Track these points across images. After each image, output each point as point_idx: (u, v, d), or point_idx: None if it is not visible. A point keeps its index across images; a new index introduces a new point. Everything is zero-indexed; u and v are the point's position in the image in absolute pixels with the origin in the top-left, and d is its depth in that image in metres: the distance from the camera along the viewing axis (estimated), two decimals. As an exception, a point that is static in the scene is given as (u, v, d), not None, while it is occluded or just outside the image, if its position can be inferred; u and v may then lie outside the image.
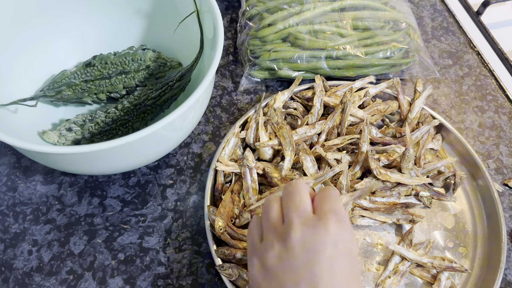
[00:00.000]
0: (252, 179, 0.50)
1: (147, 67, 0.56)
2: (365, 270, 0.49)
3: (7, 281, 0.47)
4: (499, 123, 0.62)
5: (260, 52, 0.62)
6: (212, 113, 0.61)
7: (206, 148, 0.57)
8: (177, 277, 0.48)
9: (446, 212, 0.54)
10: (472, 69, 0.68)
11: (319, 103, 0.56)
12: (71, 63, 0.60)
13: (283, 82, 0.64)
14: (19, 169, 0.55)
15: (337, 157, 0.52)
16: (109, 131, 0.53)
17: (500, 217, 0.51)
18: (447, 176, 0.54)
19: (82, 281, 0.47)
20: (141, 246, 0.50)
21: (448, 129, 0.57)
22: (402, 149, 0.52)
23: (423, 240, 0.51)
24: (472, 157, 0.55)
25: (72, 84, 0.55)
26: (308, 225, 0.33)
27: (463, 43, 0.71)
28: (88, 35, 0.60)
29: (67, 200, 0.53)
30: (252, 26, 0.64)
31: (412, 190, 0.52)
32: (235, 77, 0.65)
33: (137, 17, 0.60)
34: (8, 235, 0.50)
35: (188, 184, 0.54)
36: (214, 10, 0.49)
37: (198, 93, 0.42)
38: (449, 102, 0.64)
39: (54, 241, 0.50)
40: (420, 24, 0.73)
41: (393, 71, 0.63)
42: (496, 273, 0.47)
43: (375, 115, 0.58)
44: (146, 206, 0.52)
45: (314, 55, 0.61)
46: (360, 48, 0.61)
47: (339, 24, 0.62)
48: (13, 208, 0.52)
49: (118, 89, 0.56)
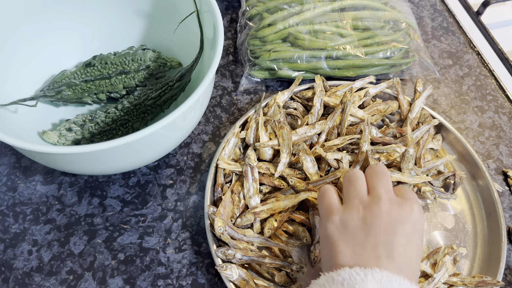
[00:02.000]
0: (253, 178, 0.50)
1: (147, 67, 0.56)
2: (365, 270, 0.49)
3: (7, 281, 0.47)
4: (499, 123, 0.62)
5: (260, 52, 0.62)
6: (212, 113, 0.61)
7: (206, 148, 0.57)
8: (177, 277, 0.48)
9: (446, 212, 0.54)
10: (472, 69, 0.68)
11: (319, 103, 0.56)
12: (71, 63, 0.60)
13: (283, 82, 0.64)
14: (19, 169, 0.55)
15: (337, 157, 0.52)
16: (109, 131, 0.53)
17: (500, 217, 0.51)
18: (447, 176, 0.54)
19: (82, 281, 0.47)
20: (141, 246, 0.50)
21: (448, 129, 0.57)
22: (403, 149, 0.52)
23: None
24: (472, 157, 0.55)
25: (72, 84, 0.55)
26: (395, 203, 0.39)
27: (463, 43, 0.71)
28: (88, 35, 0.60)
29: (67, 200, 0.53)
30: (252, 26, 0.64)
31: (414, 187, 0.52)
32: (235, 77, 0.65)
33: (137, 17, 0.60)
34: (8, 235, 0.50)
35: (188, 184, 0.54)
36: (214, 10, 0.49)
37: (198, 93, 0.42)
38: (449, 102, 0.64)
39: (54, 241, 0.50)
40: (420, 24, 0.73)
41: (393, 71, 0.63)
42: (496, 273, 0.47)
43: (375, 115, 0.58)
44: (146, 206, 0.52)
45: (314, 55, 0.61)
46: (360, 48, 0.61)
47: (339, 24, 0.62)
48: (13, 208, 0.52)
49: (118, 89, 0.56)
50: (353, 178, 0.42)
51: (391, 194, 0.40)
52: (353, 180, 0.41)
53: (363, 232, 0.37)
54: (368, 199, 0.39)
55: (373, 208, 0.38)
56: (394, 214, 0.38)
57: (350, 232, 0.38)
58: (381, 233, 0.37)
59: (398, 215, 0.38)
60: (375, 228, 0.37)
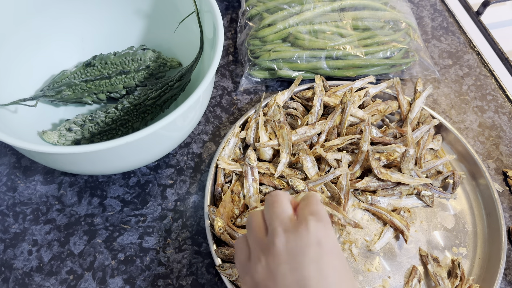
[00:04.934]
0: (253, 178, 0.50)
1: (147, 67, 0.56)
2: (365, 270, 0.49)
3: (7, 281, 0.47)
4: (499, 123, 0.62)
5: (260, 52, 0.62)
6: (212, 113, 0.61)
7: (206, 148, 0.57)
8: (177, 277, 0.48)
9: (446, 212, 0.54)
10: (472, 69, 0.68)
11: (319, 103, 0.56)
12: (71, 63, 0.60)
13: (283, 82, 0.64)
14: (19, 169, 0.55)
15: (337, 157, 0.52)
16: (109, 131, 0.53)
17: (500, 217, 0.51)
18: (446, 175, 0.54)
19: (82, 281, 0.47)
20: (141, 246, 0.50)
21: (448, 129, 0.57)
22: (403, 149, 0.52)
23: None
24: (472, 157, 0.55)
25: (72, 84, 0.55)
26: (291, 230, 0.33)
27: (463, 43, 0.71)
28: (88, 35, 0.60)
29: (67, 200, 0.53)
30: (252, 26, 0.64)
31: (414, 189, 0.52)
32: (235, 77, 0.65)
33: (137, 17, 0.60)
34: (8, 235, 0.50)
35: (188, 184, 0.54)
36: (214, 10, 0.49)
37: (198, 93, 0.42)
38: (449, 102, 0.64)
39: (54, 241, 0.50)
40: (420, 24, 0.73)
41: (393, 71, 0.63)
42: (496, 273, 0.47)
43: (375, 115, 0.58)
44: (146, 206, 0.52)
45: (314, 55, 0.61)
46: (360, 48, 0.61)
47: (339, 24, 0.62)
48: (13, 208, 0.52)
49: (118, 89, 0.56)
50: (250, 221, 0.37)
51: (286, 221, 0.34)
52: (250, 222, 0.37)
53: (272, 281, 0.32)
54: (266, 241, 0.34)
55: (271, 250, 0.33)
56: (292, 246, 0.33)
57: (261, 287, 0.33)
58: (287, 275, 0.32)
59: (296, 245, 0.33)
60: (280, 271, 0.32)
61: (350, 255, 0.50)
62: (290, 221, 0.34)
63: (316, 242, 0.32)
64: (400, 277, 0.49)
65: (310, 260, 0.32)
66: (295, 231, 0.33)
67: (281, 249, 0.33)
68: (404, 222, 0.50)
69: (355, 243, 0.50)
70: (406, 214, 0.52)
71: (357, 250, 0.50)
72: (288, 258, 0.32)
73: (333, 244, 0.33)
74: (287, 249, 0.33)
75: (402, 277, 0.49)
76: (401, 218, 0.50)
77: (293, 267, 0.32)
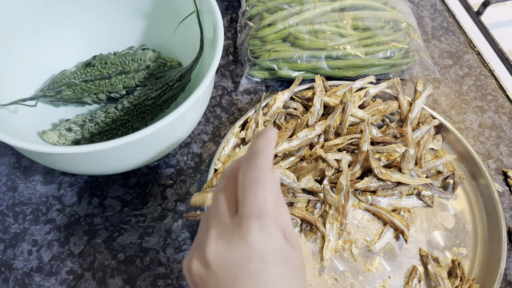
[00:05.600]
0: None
1: (147, 67, 0.56)
2: (365, 270, 0.49)
3: (7, 281, 0.47)
4: (499, 123, 0.62)
5: (260, 52, 0.62)
6: (212, 113, 0.61)
7: (206, 148, 0.57)
8: (177, 277, 0.48)
9: (446, 212, 0.54)
10: (472, 69, 0.68)
11: (319, 103, 0.56)
12: (71, 63, 0.60)
13: (283, 82, 0.64)
14: (19, 169, 0.55)
15: (337, 157, 0.52)
16: (109, 131, 0.53)
17: (500, 217, 0.51)
18: (446, 175, 0.54)
19: (82, 281, 0.47)
20: (141, 246, 0.50)
21: (448, 129, 0.57)
22: (403, 149, 0.52)
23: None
24: (472, 157, 0.55)
25: (72, 84, 0.55)
26: (224, 236, 0.27)
27: (463, 43, 0.71)
28: (88, 35, 0.60)
29: (67, 200, 0.53)
30: (252, 26, 0.64)
31: (414, 189, 0.52)
32: (235, 77, 0.65)
33: (137, 17, 0.60)
34: (8, 235, 0.50)
35: (188, 184, 0.54)
36: (214, 10, 0.49)
37: (198, 93, 0.42)
38: (449, 102, 0.64)
39: (54, 241, 0.50)
40: (420, 24, 0.73)
41: (393, 71, 0.63)
42: (496, 273, 0.47)
43: (375, 115, 0.58)
44: (146, 206, 0.52)
45: (314, 55, 0.61)
46: (360, 48, 0.61)
47: (339, 24, 0.62)
48: (13, 208, 0.52)
49: (118, 89, 0.56)
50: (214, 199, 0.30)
51: (224, 220, 0.28)
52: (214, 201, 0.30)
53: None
54: (203, 238, 0.29)
55: (201, 258, 0.28)
56: (224, 258, 0.27)
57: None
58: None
59: (228, 257, 0.26)
60: (211, 284, 0.27)
61: (350, 255, 0.50)
62: (225, 220, 0.28)
63: (257, 256, 0.26)
64: (400, 277, 0.49)
65: (250, 274, 0.26)
66: (230, 240, 0.27)
67: (212, 259, 0.27)
68: (404, 222, 0.50)
69: (355, 243, 0.50)
70: (406, 214, 0.52)
71: (357, 250, 0.50)
72: (220, 271, 0.27)
73: (283, 255, 0.27)
74: (218, 262, 0.27)
75: (402, 277, 0.49)
76: (401, 218, 0.50)
77: (227, 282, 0.26)
